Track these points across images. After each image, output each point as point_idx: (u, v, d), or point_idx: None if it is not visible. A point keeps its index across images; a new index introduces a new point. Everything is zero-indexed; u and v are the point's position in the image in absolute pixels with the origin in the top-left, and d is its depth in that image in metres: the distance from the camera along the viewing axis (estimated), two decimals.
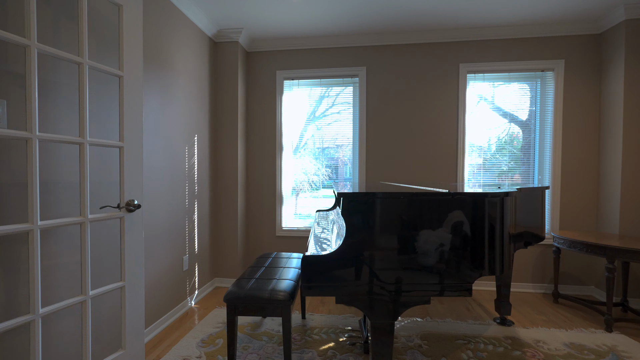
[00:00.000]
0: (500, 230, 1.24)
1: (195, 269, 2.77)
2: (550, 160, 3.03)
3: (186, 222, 2.62)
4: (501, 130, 3.14)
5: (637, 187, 2.66)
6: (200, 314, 2.52)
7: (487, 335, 2.19)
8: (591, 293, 2.97)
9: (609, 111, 2.82)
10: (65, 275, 1.57)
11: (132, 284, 1.66)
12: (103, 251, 1.79)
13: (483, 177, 3.17)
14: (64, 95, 1.55)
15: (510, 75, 3.08)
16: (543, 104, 3.06)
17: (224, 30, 3.02)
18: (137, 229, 1.69)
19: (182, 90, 2.55)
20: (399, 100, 3.18)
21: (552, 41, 2.97)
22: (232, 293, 1.65)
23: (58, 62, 1.54)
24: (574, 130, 2.97)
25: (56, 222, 1.31)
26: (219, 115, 3.14)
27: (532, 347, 2.05)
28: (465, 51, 3.08)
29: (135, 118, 1.67)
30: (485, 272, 1.24)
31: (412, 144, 3.18)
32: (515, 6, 2.61)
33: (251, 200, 3.40)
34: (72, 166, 1.60)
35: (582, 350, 2.01)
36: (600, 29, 2.88)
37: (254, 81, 3.38)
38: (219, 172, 3.15)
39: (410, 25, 2.95)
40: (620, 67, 2.70)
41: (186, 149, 2.61)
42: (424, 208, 1.19)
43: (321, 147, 3.39)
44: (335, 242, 1.37)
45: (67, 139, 1.35)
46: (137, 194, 1.69)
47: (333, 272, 1.18)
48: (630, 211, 2.67)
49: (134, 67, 1.65)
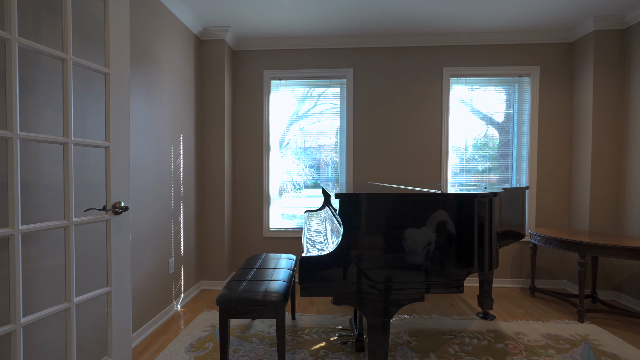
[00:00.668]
0: (489, 229, 1.30)
1: (181, 272, 2.70)
2: (527, 161, 3.18)
3: (172, 224, 2.55)
4: (480, 132, 3.27)
5: (605, 187, 2.85)
6: (187, 318, 2.46)
7: (471, 329, 2.28)
8: (564, 286, 3.16)
9: (580, 115, 3.00)
10: (47, 281, 1.49)
11: (119, 289, 1.60)
12: (87, 255, 1.72)
13: (464, 178, 3.29)
14: (45, 92, 1.48)
15: (490, 79, 3.22)
16: (520, 107, 3.22)
17: (210, 28, 2.96)
18: (124, 232, 1.63)
19: (168, 89, 2.48)
20: (386, 101, 3.24)
21: (528, 48, 3.13)
22: (225, 296, 1.63)
23: (39, 59, 1.46)
24: (548, 133, 3.14)
25: (39, 227, 1.24)
26: (205, 115, 3.08)
27: (513, 339, 2.15)
28: (449, 55, 3.18)
29: (122, 117, 1.61)
30: (474, 270, 1.29)
31: (398, 145, 3.25)
32: (495, 14, 2.73)
33: (238, 201, 3.36)
34: (53, 166, 1.52)
35: (559, 341, 2.14)
36: (572, 38, 3.06)
37: (241, 80, 3.33)
38: (205, 172, 3.09)
39: (397, 28, 3.01)
40: (589, 74, 2.89)
41: (172, 149, 2.54)
42: (420, 209, 1.23)
43: (303, 147, 3.40)
44: (332, 243, 1.39)
45: (51, 138, 1.28)
46: (124, 195, 1.63)
47: (331, 272, 1.19)
48: (599, 209, 2.86)
49: (120, 64, 1.60)
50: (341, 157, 3.36)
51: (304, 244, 1.53)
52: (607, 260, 2.91)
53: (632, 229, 2.71)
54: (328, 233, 1.61)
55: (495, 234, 1.35)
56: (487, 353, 1.98)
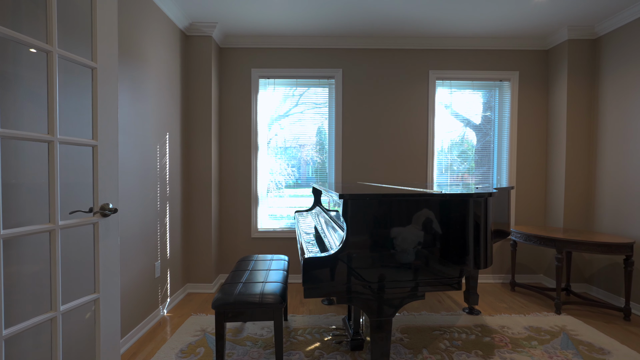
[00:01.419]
0: (484, 227, 1.35)
1: (167, 276, 2.60)
2: (507, 162, 3.34)
3: (158, 225, 2.45)
4: (463, 134, 3.39)
5: (578, 187, 3.04)
6: (175, 323, 2.38)
7: (459, 324, 2.36)
8: (540, 280, 3.34)
9: (555, 119, 3.18)
10: (27, 288, 1.39)
11: (107, 296, 1.52)
12: (68, 259, 1.62)
13: (448, 178, 3.40)
14: (26, 87, 1.37)
15: (473, 83, 3.34)
16: (501, 110, 3.37)
17: (196, 23, 2.88)
18: (113, 236, 1.55)
19: (154, 85, 2.38)
20: (374, 102, 3.29)
21: (509, 54, 3.27)
22: (221, 299, 1.59)
23: (19, 52, 1.36)
24: (526, 135, 3.31)
25: (22, 231, 1.16)
26: (191, 113, 2.98)
27: (498, 332, 2.25)
28: (435, 59, 3.27)
29: (110, 115, 1.53)
30: (470, 267, 1.34)
31: (385, 146, 3.30)
32: (479, 20, 2.84)
33: (225, 202, 3.29)
34: (33, 166, 1.42)
35: (540, 332, 2.26)
36: (548, 46, 3.24)
37: (228, 78, 3.26)
38: (191, 172, 2.99)
39: (386, 31, 3.06)
40: (564, 80, 3.07)
41: (157, 148, 2.45)
42: (424, 208, 1.25)
43: (284, 147, 3.36)
44: (333, 243, 1.39)
45: (35, 136, 1.20)
46: (112, 197, 1.55)
47: (336, 272, 1.19)
48: (572, 207, 3.05)
49: (108, 58, 1.52)
50: (330, 157, 3.37)
51: (302, 244, 1.52)
52: (578, 255, 3.10)
53: (602, 225, 2.91)
54: (327, 233, 1.61)
55: (490, 233, 1.40)
56: (476, 347, 2.05)
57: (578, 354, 1.99)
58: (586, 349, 2.04)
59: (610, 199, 2.84)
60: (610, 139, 2.84)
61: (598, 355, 1.97)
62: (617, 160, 2.78)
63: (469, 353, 1.98)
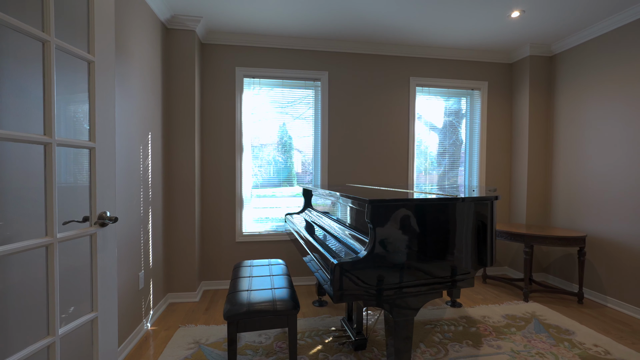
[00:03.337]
0: (491, 227, 1.47)
1: (150, 286, 2.41)
2: (477, 164, 3.62)
3: (141, 232, 2.27)
4: (438, 138, 3.62)
5: (538, 186, 3.41)
6: (163, 337, 2.22)
7: (446, 318, 2.52)
8: (505, 272, 3.68)
9: (519, 126, 3.53)
10: (13, 310, 1.21)
11: (106, 314, 1.38)
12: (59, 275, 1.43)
13: (426, 179, 3.60)
14: (11, 79, 1.19)
15: (449, 90, 3.58)
16: (472, 117, 3.65)
17: (179, 16, 2.70)
18: (111, 247, 1.42)
19: (137, 81, 2.19)
20: (359, 105, 3.36)
21: (480, 65, 3.56)
22: (233, 310, 1.52)
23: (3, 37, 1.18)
24: (494, 140, 3.62)
25: (17, 247, 1.01)
26: (173, 111, 2.79)
27: (481, 322, 2.44)
28: (416, 66, 3.44)
29: (108, 114, 1.39)
30: (487, 264, 1.45)
31: (369, 148, 3.39)
32: (457, 32, 3.04)
33: (208, 205, 3.13)
34: (17, 170, 1.24)
35: (515, 319, 2.50)
36: (512, 60, 3.58)
37: (210, 76, 3.11)
38: (173, 174, 2.80)
39: (373, 37, 3.14)
40: (526, 91, 3.42)
41: (141, 149, 2.26)
42: (443, 211, 1.33)
43: (257, 146, 3.27)
44: (351, 247, 1.41)
45: (30, 137, 1.05)
46: (110, 204, 1.41)
47: (366, 276, 1.22)
48: (533, 205, 3.41)
49: (106, 52, 1.38)
50: (315, 159, 3.38)
51: (316, 248, 1.51)
52: (538, 247, 3.48)
53: (557, 221, 3.30)
54: (337, 236, 1.62)
55: (495, 232, 1.53)
56: (466, 337, 2.21)
57: (550, 336, 2.24)
58: (555, 331, 2.31)
59: (565, 197, 3.23)
60: (564, 144, 3.23)
61: (565, 336, 2.24)
62: (570, 164, 3.17)
63: (461, 344, 2.13)
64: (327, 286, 1.25)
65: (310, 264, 1.65)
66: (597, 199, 2.91)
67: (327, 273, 1.29)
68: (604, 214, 2.85)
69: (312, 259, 1.61)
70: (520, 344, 2.13)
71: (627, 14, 2.61)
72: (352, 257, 1.26)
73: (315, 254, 1.56)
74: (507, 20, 2.79)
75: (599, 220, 2.89)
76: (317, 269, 1.49)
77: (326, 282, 1.29)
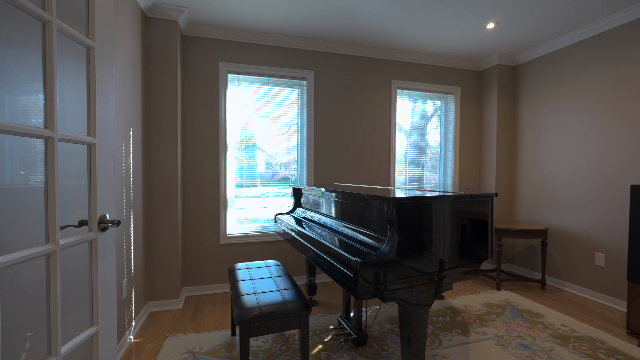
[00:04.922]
0: (491, 223, 1.58)
1: (132, 296, 2.23)
2: (451, 164, 3.87)
3: (124, 237, 2.08)
4: (415, 140, 3.80)
5: (504, 184, 3.73)
6: (150, 349, 2.06)
7: (433, 309, 2.66)
8: None
9: (487, 129, 3.83)
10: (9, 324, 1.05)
11: (106, 327, 1.26)
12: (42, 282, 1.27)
13: (406, 179, 3.76)
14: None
15: (426, 94, 3.77)
16: (446, 120, 3.88)
17: (161, 5, 2.52)
18: (110, 253, 1.29)
19: (120, 72, 2.01)
20: (343, 105, 3.41)
21: (454, 71, 3.80)
22: (244, 315, 1.47)
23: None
24: (466, 142, 3.89)
25: (16, 258, 0.88)
26: (153, 107, 2.60)
27: (465, 312, 2.62)
28: (397, 70, 3.58)
29: (107, 106, 1.27)
30: (489, 257, 1.56)
31: (353, 148, 3.46)
32: (436, 39, 3.22)
33: (190, 206, 2.96)
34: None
35: (493, 307, 2.71)
36: (482, 67, 3.88)
37: (192, 70, 2.95)
38: (153, 173, 2.61)
39: (358, 38, 3.21)
40: (494, 97, 3.72)
41: (123, 146, 2.07)
42: (454, 208, 1.41)
43: (242, 144, 3.19)
44: (361, 245, 1.43)
45: (30, 130, 0.93)
46: (109, 206, 1.29)
47: (389, 271, 1.25)
48: (500, 201, 3.72)
49: (106, 37, 1.25)
50: (301, 158, 3.36)
51: (330, 247, 1.52)
52: (504, 240, 3.81)
53: (521, 215, 3.64)
54: (344, 234, 1.64)
55: (493, 228, 1.65)
56: (454, 327, 2.35)
57: (525, 320, 2.47)
58: (528, 315, 2.54)
59: (527, 194, 3.57)
60: (527, 147, 3.58)
61: (537, 319, 2.48)
62: (532, 163, 3.51)
63: (452, 333, 2.26)
64: (351, 284, 1.26)
65: (317, 262, 1.64)
66: (555, 195, 3.26)
67: (347, 271, 1.30)
68: (561, 209, 3.20)
69: (319, 258, 1.60)
70: (502, 329, 2.32)
71: (581, 32, 2.96)
72: (374, 254, 1.28)
73: (324, 254, 1.56)
74: (482, 31, 3.02)
75: (558, 215, 3.24)
76: (327, 268, 1.49)
77: (345, 280, 1.29)
